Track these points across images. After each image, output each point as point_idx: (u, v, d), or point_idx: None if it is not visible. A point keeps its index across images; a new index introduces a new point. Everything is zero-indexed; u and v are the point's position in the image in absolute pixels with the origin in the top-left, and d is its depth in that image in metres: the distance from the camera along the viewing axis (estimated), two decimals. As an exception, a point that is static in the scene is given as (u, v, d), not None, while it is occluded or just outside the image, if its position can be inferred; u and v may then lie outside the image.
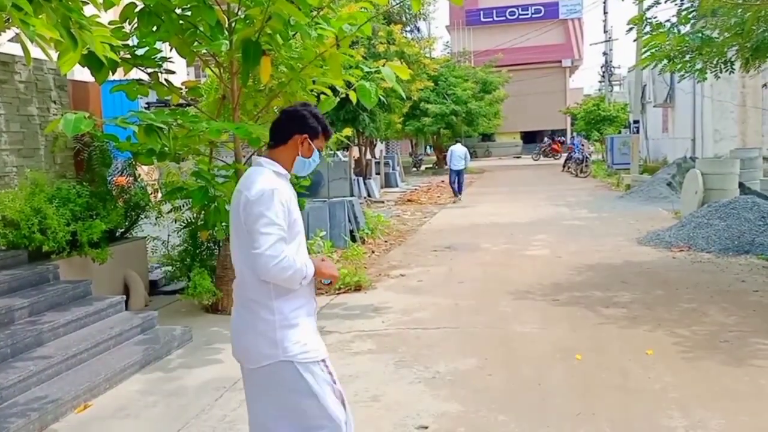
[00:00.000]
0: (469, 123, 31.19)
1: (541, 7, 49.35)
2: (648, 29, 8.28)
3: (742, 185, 12.01)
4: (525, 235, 10.84)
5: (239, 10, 5.68)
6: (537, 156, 40.34)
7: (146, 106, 11.20)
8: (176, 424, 3.85)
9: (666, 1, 8.66)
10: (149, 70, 5.95)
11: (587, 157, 25.62)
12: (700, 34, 7.98)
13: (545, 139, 43.72)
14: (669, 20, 8.27)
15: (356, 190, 14.80)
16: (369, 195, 18.19)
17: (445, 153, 20.99)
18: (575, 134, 33.86)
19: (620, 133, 27.95)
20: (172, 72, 6.19)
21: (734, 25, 7.41)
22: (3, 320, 4.60)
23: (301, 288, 2.44)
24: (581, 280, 7.34)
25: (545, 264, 8.32)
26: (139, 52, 5.81)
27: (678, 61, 8.36)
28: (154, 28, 5.40)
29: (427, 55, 24.03)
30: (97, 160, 6.89)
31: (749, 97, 17.72)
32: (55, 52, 3.69)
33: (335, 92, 6.25)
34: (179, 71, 10.23)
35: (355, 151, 19.40)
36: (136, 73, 6.07)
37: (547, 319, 5.81)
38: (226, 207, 5.74)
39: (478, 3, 49.79)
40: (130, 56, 5.74)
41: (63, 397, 4.02)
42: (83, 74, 6.33)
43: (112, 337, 4.97)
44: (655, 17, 8.36)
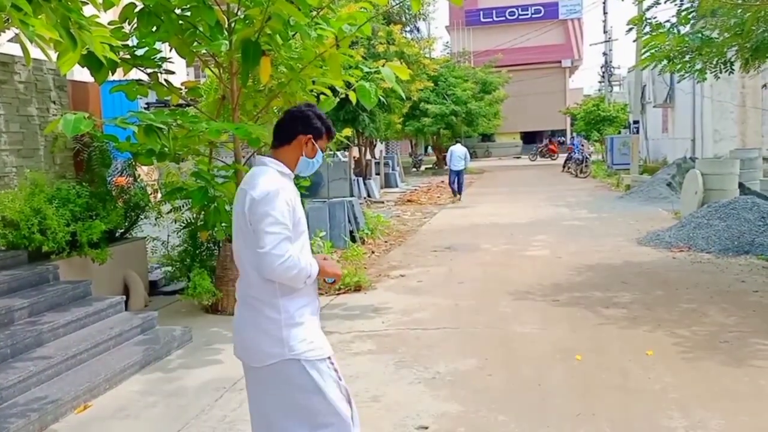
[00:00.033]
0: (468, 123, 31.21)
1: (541, 8, 49.39)
2: (648, 29, 8.28)
3: (741, 185, 12.00)
4: (525, 235, 10.84)
5: (239, 10, 5.68)
6: (534, 156, 40.32)
7: (146, 106, 11.20)
8: (176, 425, 3.85)
9: (666, 2, 8.65)
10: (149, 71, 5.95)
11: (587, 158, 25.60)
12: (699, 35, 7.98)
13: (543, 140, 43.75)
14: (669, 20, 8.27)
15: (356, 190, 14.79)
16: (369, 195, 18.18)
17: (445, 153, 20.99)
18: (575, 134, 33.85)
19: (620, 133, 27.95)
20: (172, 72, 6.19)
21: (734, 26, 7.41)
22: (3, 320, 4.60)
23: (305, 287, 2.45)
24: (581, 280, 7.34)
25: (545, 264, 8.32)
26: (139, 52, 5.81)
27: (678, 61, 8.36)
28: (154, 29, 5.40)
29: (427, 56, 24.03)
30: (96, 161, 6.89)
31: (749, 98, 17.72)
32: (55, 53, 3.68)
33: (335, 92, 6.25)
34: (179, 71, 10.21)
35: (354, 152, 19.40)
36: (136, 74, 6.07)
37: (547, 319, 5.80)
38: (226, 207, 5.73)
39: (478, 3, 49.82)
40: (129, 56, 5.74)
41: (63, 398, 4.02)
42: (83, 74, 6.33)
43: (112, 338, 4.97)
44: (654, 17, 8.37)
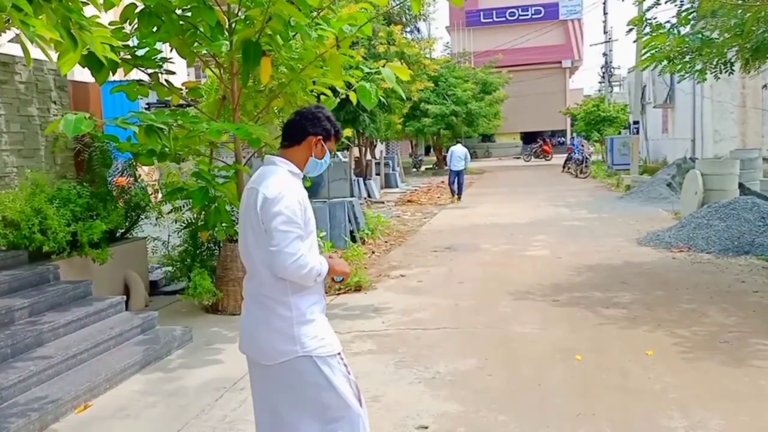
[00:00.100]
0: (469, 124, 31.20)
1: (541, 8, 49.37)
2: (648, 30, 8.29)
3: (742, 186, 12.01)
4: (525, 235, 10.84)
5: (239, 10, 5.68)
6: (528, 157, 40.16)
7: (146, 106, 11.22)
8: (176, 425, 3.86)
9: (666, 2, 8.66)
10: (149, 71, 5.96)
11: (587, 158, 25.60)
12: (700, 35, 7.99)
13: (538, 140, 43.69)
14: (669, 21, 8.28)
15: (356, 190, 14.78)
16: (369, 195, 18.18)
17: (445, 154, 20.97)
18: (575, 135, 33.84)
19: (620, 133, 27.93)
20: (173, 73, 6.20)
21: (734, 26, 7.42)
22: (3, 320, 4.60)
23: (315, 284, 2.48)
24: (581, 280, 7.34)
25: (545, 264, 8.32)
26: (140, 52, 5.82)
27: (678, 61, 8.37)
28: (155, 29, 5.41)
29: (427, 56, 24.00)
30: (97, 161, 6.90)
31: (749, 98, 17.72)
32: (55, 53, 3.69)
33: (335, 93, 6.26)
34: (179, 72, 10.23)
35: (355, 152, 19.40)
36: (137, 74, 6.08)
37: (547, 319, 5.81)
38: (227, 207, 5.74)
39: (478, 4, 49.81)
40: (130, 57, 5.75)
41: (63, 398, 4.02)
42: (83, 75, 6.34)
43: (112, 338, 4.98)
44: (655, 18, 8.38)
